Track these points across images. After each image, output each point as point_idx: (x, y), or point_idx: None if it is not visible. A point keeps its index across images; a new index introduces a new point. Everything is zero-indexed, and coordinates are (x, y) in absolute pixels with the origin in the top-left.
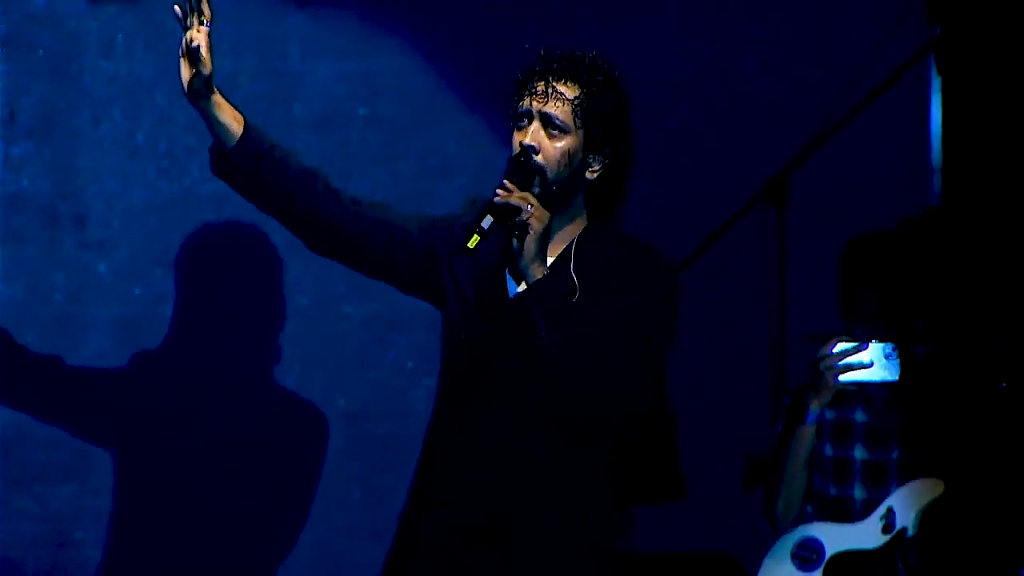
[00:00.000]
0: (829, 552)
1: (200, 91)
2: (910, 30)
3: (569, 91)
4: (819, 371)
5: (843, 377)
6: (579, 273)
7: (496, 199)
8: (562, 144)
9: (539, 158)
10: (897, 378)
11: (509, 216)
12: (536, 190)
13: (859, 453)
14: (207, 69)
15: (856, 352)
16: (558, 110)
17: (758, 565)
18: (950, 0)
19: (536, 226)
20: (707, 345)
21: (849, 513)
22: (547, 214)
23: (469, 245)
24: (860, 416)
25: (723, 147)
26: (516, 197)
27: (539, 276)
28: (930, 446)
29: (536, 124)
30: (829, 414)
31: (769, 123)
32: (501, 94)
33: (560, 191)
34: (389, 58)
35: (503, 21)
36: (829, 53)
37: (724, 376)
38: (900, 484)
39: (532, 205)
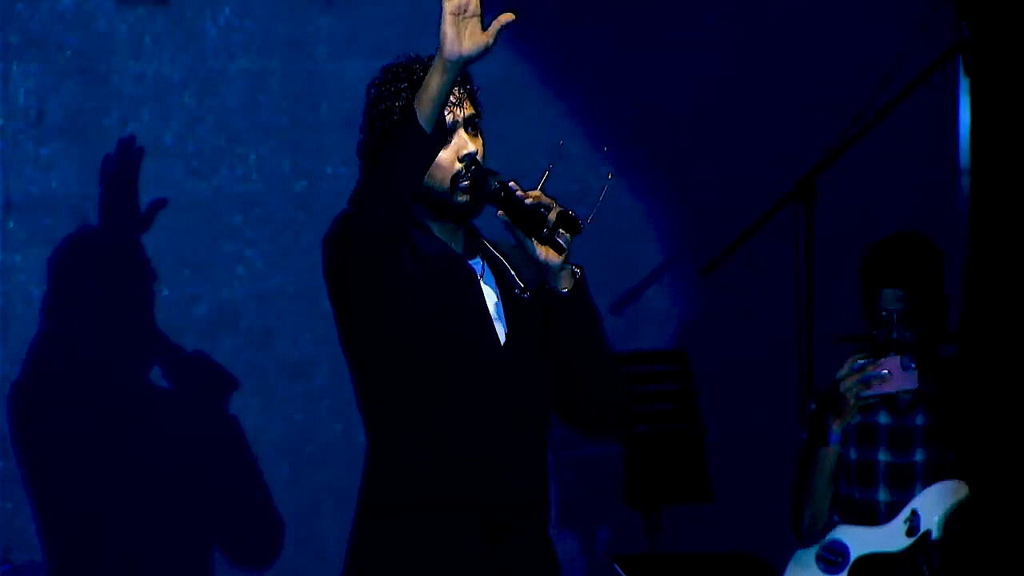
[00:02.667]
0: (854, 555)
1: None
2: (938, 30)
3: (466, 90)
4: (840, 393)
5: (863, 393)
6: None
7: (528, 201)
8: (481, 139)
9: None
10: (917, 386)
11: (540, 215)
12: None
13: (883, 456)
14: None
15: (874, 366)
16: (474, 109)
17: (783, 567)
18: (978, 0)
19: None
20: (734, 344)
21: (874, 516)
22: None
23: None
24: (883, 419)
25: (752, 147)
26: (544, 197)
27: (577, 271)
28: (954, 448)
29: (462, 131)
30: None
31: (798, 123)
32: (532, 95)
33: None
34: None
35: (531, 21)
36: (858, 53)
37: (751, 376)
38: (924, 486)
39: (552, 202)
